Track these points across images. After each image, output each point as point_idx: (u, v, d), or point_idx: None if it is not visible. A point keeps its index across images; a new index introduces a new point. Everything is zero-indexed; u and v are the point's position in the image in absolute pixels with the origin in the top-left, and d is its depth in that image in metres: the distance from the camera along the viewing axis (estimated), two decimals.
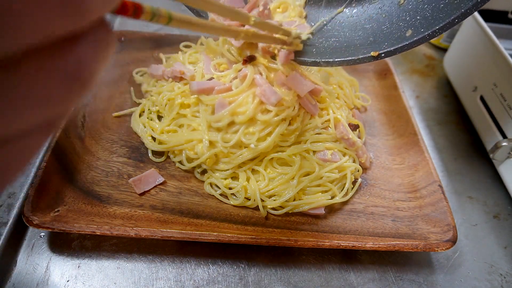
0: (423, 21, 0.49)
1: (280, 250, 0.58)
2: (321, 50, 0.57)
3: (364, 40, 0.54)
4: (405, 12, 0.52)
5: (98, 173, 0.61)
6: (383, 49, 0.51)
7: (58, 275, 0.52)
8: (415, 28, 0.49)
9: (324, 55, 0.56)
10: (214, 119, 0.59)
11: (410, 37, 0.49)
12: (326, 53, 0.56)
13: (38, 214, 0.51)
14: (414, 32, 0.49)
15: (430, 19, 0.48)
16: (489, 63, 0.74)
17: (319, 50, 0.57)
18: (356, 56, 0.53)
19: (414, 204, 0.62)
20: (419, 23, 0.49)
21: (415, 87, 0.93)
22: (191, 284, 0.53)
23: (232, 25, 0.54)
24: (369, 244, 0.54)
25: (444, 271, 0.59)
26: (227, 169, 0.61)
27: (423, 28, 0.48)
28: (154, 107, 0.70)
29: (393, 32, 0.52)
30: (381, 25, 0.54)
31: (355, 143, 0.63)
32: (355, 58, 0.53)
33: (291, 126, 0.61)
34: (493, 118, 0.72)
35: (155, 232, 0.52)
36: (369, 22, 0.56)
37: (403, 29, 0.51)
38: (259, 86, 0.58)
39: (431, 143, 0.79)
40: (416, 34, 0.49)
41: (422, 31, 0.48)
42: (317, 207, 0.59)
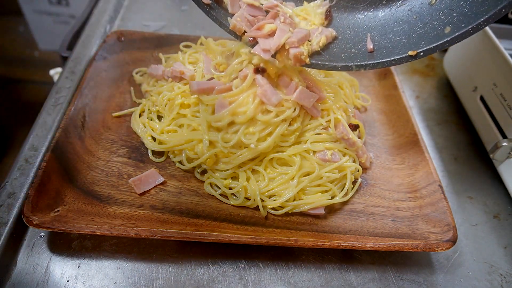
0: (462, 17, 0.47)
1: (280, 250, 0.58)
2: (351, 54, 0.55)
3: (396, 43, 0.52)
4: (438, 11, 0.50)
5: (98, 173, 0.61)
6: (421, 47, 0.49)
7: (58, 275, 0.52)
8: (453, 25, 0.47)
9: (354, 59, 0.55)
10: (214, 119, 0.59)
11: (450, 33, 0.47)
12: (356, 57, 0.55)
13: (38, 214, 0.51)
14: (454, 28, 0.47)
15: (469, 15, 0.46)
16: (489, 63, 0.74)
17: (349, 55, 0.56)
18: (392, 57, 0.51)
19: (414, 204, 0.62)
20: (457, 20, 0.47)
21: (415, 87, 0.93)
22: (191, 284, 0.53)
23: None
24: (369, 244, 0.54)
25: (444, 271, 0.59)
26: (227, 169, 0.61)
27: (464, 23, 0.46)
28: (154, 107, 0.70)
29: (428, 31, 0.50)
30: (413, 26, 0.52)
31: (355, 143, 0.63)
32: (390, 59, 0.51)
33: (291, 127, 0.61)
34: (493, 118, 0.72)
35: (155, 232, 0.52)
36: (399, 24, 0.54)
37: (439, 27, 0.49)
38: (260, 86, 0.58)
39: (431, 143, 0.79)
40: (456, 29, 0.47)
41: (463, 26, 0.46)
42: (317, 207, 0.59)
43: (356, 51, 0.56)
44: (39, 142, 0.65)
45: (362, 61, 0.54)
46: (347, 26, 0.58)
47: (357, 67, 0.54)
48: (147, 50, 0.83)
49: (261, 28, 0.56)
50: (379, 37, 0.55)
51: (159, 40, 0.84)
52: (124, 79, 0.77)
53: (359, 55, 0.55)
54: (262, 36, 0.56)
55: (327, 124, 0.63)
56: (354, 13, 0.58)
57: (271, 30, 0.56)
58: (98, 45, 0.81)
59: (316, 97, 0.60)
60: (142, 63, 0.81)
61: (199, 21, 1.03)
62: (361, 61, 0.54)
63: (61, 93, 0.73)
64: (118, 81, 0.76)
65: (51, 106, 0.71)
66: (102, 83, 0.73)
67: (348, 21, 0.58)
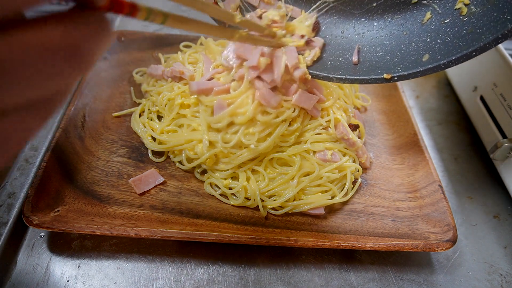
0: (442, 46, 0.48)
1: (280, 250, 0.58)
2: (336, 64, 0.56)
3: (380, 58, 0.54)
4: (426, 32, 0.51)
5: (98, 173, 0.61)
6: (397, 72, 0.51)
7: (58, 275, 0.52)
8: (432, 53, 0.48)
9: (337, 70, 0.55)
10: (214, 120, 0.59)
11: (426, 63, 0.48)
12: (340, 68, 0.55)
13: (38, 214, 0.51)
14: (430, 58, 0.48)
15: (449, 45, 0.47)
16: (489, 63, 0.74)
17: (334, 64, 0.56)
18: (369, 76, 0.53)
19: (414, 204, 0.62)
20: (438, 48, 0.48)
21: (415, 87, 0.93)
22: (191, 284, 0.53)
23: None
24: (369, 244, 0.54)
25: (444, 271, 0.59)
26: (227, 169, 0.61)
27: (441, 55, 0.47)
28: (154, 107, 0.70)
29: (411, 53, 0.51)
30: (400, 43, 0.53)
31: (355, 143, 0.63)
32: (367, 77, 0.53)
33: (291, 127, 0.61)
34: (493, 118, 0.72)
35: (155, 232, 0.52)
36: (388, 38, 0.54)
37: (421, 51, 0.50)
38: (258, 89, 0.57)
39: (431, 143, 0.79)
40: (432, 60, 0.48)
41: (439, 58, 0.47)
42: (317, 207, 0.59)
43: (343, 60, 0.57)
44: (39, 142, 0.65)
45: (343, 74, 0.55)
46: (340, 31, 0.58)
47: (337, 80, 0.55)
48: (147, 50, 0.83)
49: (258, 66, 0.56)
50: (367, 48, 0.56)
51: (159, 40, 0.84)
52: (124, 79, 0.77)
53: (343, 66, 0.56)
54: (262, 72, 0.57)
55: (327, 124, 0.63)
56: (350, 19, 0.58)
57: (266, 64, 0.56)
58: None
59: (316, 99, 0.60)
60: (142, 63, 0.81)
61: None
62: (342, 74, 0.55)
63: None
64: (118, 81, 0.76)
65: None
66: (102, 83, 0.73)
67: (343, 26, 0.58)
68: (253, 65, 0.56)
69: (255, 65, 0.56)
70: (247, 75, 0.57)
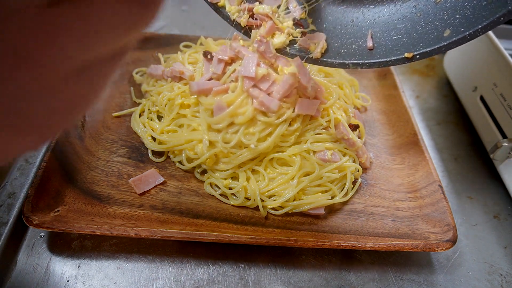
0: (463, 20, 0.46)
1: (280, 250, 0.58)
2: (350, 51, 0.55)
3: (396, 41, 0.52)
4: (442, 10, 0.49)
5: (98, 173, 0.61)
6: (418, 50, 0.49)
7: (58, 275, 0.52)
8: (454, 28, 0.46)
9: (353, 56, 0.54)
10: (214, 121, 0.59)
11: (449, 37, 0.46)
12: (355, 54, 0.54)
13: (38, 214, 0.51)
14: (453, 32, 0.46)
15: (471, 18, 0.45)
16: (489, 63, 0.74)
17: (348, 51, 0.55)
18: (388, 58, 0.51)
19: (414, 204, 0.62)
20: (458, 22, 0.46)
21: (415, 87, 0.93)
22: (191, 284, 0.53)
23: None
24: (369, 244, 0.54)
25: (444, 271, 0.59)
26: (227, 169, 0.61)
27: (463, 27, 0.45)
28: (154, 107, 0.70)
29: (429, 32, 0.49)
30: (415, 25, 0.51)
31: (355, 143, 0.63)
32: (386, 60, 0.51)
33: (291, 127, 0.61)
34: (493, 118, 0.72)
35: (155, 232, 0.52)
36: (402, 21, 0.52)
37: (440, 28, 0.48)
38: (255, 98, 0.57)
39: (431, 143, 0.79)
40: (455, 34, 0.46)
41: (462, 30, 0.45)
42: (317, 207, 0.59)
43: (357, 47, 0.55)
44: None
45: (359, 60, 0.53)
46: (350, 20, 0.57)
47: (354, 66, 0.54)
48: (147, 50, 0.83)
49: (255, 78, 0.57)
50: (381, 34, 0.54)
51: (159, 40, 0.84)
52: (124, 79, 0.77)
53: (358, 53, 0.54)
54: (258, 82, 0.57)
55: (327, 124, 0.63)
56: (360, 7, 0.57)
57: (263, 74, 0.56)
58: None
59: (317, 103, 0.61)
60: (142, 63, 0.81)
61: (199, 21, 1.03)
62: (359, 59, 0.53)
63: None
64: (118, 81, 0.76)
65: None
66: None
67: (353, 14, 0.57)
68: (250, 76, 0.56)
69: (252, 77, 0.56)
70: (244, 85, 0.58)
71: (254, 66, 0.56)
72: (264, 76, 0.57)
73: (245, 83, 0.57)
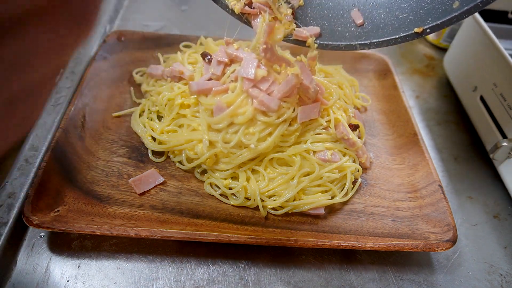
0: None
1: (280, 250, 0.58)
2: (355, 33, 0.54)
3: (402, 20, 0.51)
4: None
5: (98, 173, 0.61)
6: (428, 23, 0.48)
7: (58, 275, 0.52)
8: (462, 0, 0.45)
9: (359, 37, 0.53)
10: (214, 121, 0.59)
11: (459, 8, 0.45)
12: (360, 36, 0.53)
13: (38, 214, 0.51)
14: (462, 2, 0.45)
15: None
16: (489, 63, 0.74)
17: (353, 33, 0.54)
18: (398, 35, 0.50)
19: (414, 204, 0.62)
20: None
21: (415, 87, 0.93)
22: (191, 284, 0.53)
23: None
24: (369, 244, 0.54)
25: (444, 271, 0.59)
26: (227, 169, 0.61)
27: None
28: (154, 107, 0.70)
29: (436, 7, 0.48)
30: (420, 2, 0.50)
31: (355, 143, 0.63)
32: (396, 37, 0.50)
33: (291, 127, 0.61)
34: (493, 118, 0.72)
35: (155, 232, 0.52)
36: (406, 0, 0.52)
37: (447, 2, 0.47)
38: (255, 98, 0.57)
39: (431, 143, 0.79)
40: (465, 3, 0.45)
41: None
42: (317, 207, 0.59)
43: (361, 30, 0.54)
44: (39, 142, 0.65)
45: (366, 40, 0.52)
46: (352, 4, 0.56)
47: (361, 46, 0.53)
48: (147, 50, 0.83)
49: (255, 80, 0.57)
50: (385, 14, 0.53)
51: (159, 40, 0.84)
52: (124, 79, 0.77)
53: (363, 34, 0.53)
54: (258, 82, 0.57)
55: (327, 124, 0.63)
56: None
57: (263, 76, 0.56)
58: (98, 45, 0.81)
59: (318, 106, 0.61)
60: (142, 63, 0.81)
61: (199, 21, 1.03)
62: (365, 39, 0.52)
63: (61, 93, 0.73)
64: (118, 81, 0.76)
65: (51, 106, 0.71)
66: (102, 83, 0.73)
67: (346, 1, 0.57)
68: (249, 78, 0.56)
69: (251, 78, 0.56)
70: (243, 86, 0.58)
71: (254, 68, 0.56)
72: (264, 77, 0.57)
73: (245, 84, 0.57)
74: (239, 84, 0.58)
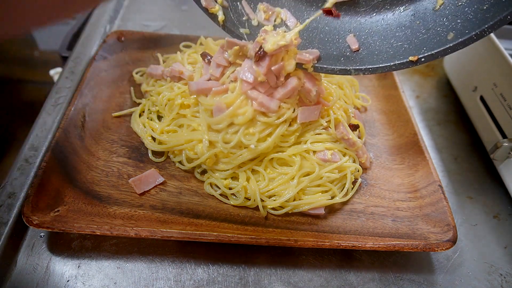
0: (466, 23, 0.46)
1: (280, 250, 0.58)
2: (350, 58, 0.55)
3: (397, 48, 0.52)
4: (442, 17, 0.49)
5: (98, 173, 0.61)
6: (423, 53, 0.49)
7: (58, 275, 0.52)
8: (457, 31, 0.47)
9: (354, 63, 0.54)
10: (214, 122, 0.59)
11: (453, 39, 0.47)
12: (356, 61, 0.54)
13: (38, 214, 0.51)
14: (457, 34, 0.46)
15: (474, 21, 0.45)
16: (489, 63, 0.74)
17: (348, 58, 0.55)
18: (392, 62, 0.51)
19: (414, 204, 0.62)
20: (461, 26, 0.46)
21: (415, 87, 0.93)
22: (191, 284, 0.53)
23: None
24: (369, 244, 0.54)
25: (444, 271, 0.59)
26: (227, 169, 0.61)
27: (468, 29, 0.45)
28: (154, 107, 0.70)
29: (431, 37, 0.49)
30: (415, 32, 0.51)
31: (355, 143, 0.63)
32: (390, 64, 0.51)
33: (291, 127, 0.61)
34: (493, 118, 0.72)
35: (155, 232, 0.52)
36: (401, 29, 0.53)
37: (442, 33, 0.48)
38: (254, 100, 0.57)
39: (431, 143, 0.79)
40: (460, 36, 0.46)
41: (467, 32, 0.45)
42: (317, 207, 0.59)
43: (356, 55, 0.55)
44: (39, 142, 0.65)
45: (361, 65, 0.53)
46: (348, 30, 0.57)
47: (356, 71, 0.54)
48: (147, 50, 0.83)
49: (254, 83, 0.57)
50: (380, 42, 0.54)
51: (159, 40, 0.84)
52: (124, 79, 0.77)
53: (358, 59, 0.54)
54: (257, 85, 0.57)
55: (327, 124, 0.63)
56: (356, 17, 0.57)
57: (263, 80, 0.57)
58: (98, 45, 0.81)
59: (319, 108, 0.61)
60: (142, 63, 0.81)
61: (199, 21, 1.03)
62: (360, 65, 0.54)
63: (61, 93, 0.73)
64: (118, 81, 0.76)
65: (51, 106, 0.71)
66: (102, 83, 0.73)
67: (350, 25, 0.57)
68: (248, 81, 0.56)
69: (250, 82, 0.56)
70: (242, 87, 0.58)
71: (253, 73, 0.56)
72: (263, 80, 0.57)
73: (243, 86, 0.57)
74: (238, 85, 0.58)
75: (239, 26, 0.58)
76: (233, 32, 0.58)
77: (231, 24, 0.58)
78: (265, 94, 0.58)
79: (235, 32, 0.58)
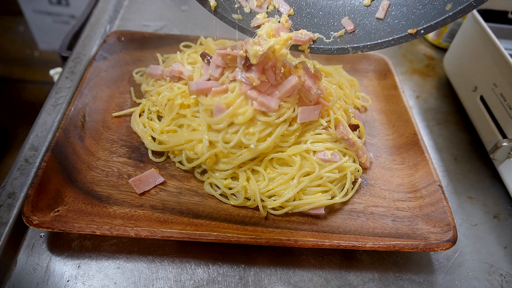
0: None
1: (280, 250, 0.58)
2: (347, 38, 0.54)
3: (394, 25, 0.51)
4: None
5: (98, 173, 0.61)
6: (422, 25, 0.48)
7: (58, 275, 0.52)
8: (455, 1, 0.46)
9: (351, 42, 0.53)
10: (214, 122, 0.59)
11: (452, 9, 0.46)
12: (353, 40, 0.54)
13: (38, 214, 0.51)
14: (455, 4, 0.46)
15: None
16: (489, 63, 0.74)
17: (345, 38, 0.55)
18: (391, 37, 0.50)
19: (414, 204, 0.62)
20: None
21: (415, 87, 0.93)
22: (191, 284, 0.53)
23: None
24: (369, 244, 0.54)
25: (444, 271, 0.59)
26: (227, 169, 0.61)
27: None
28: (154, 107, 0.70)
29: (428, 11, 0.49)
30: (411, 9, 0.51)
31: (355, 143, 0.63)
32: (389, 39, 0.50)
33: (291, 127, 0.61)
34: (493, 118, 0.72)
35: (155, 232, 0.52)
36: (397, 8, 0.52)
37: (439, 6, 0.48)
38: (254, 100, 0.57)
39: (431, 143, 0.79)
40: (458, 4, 0.45)
41: (466, 0, 0.44)
42: (317, 207, 0.59)
43: (353, 35, 0.55)
44: (39, 142, 0.65)
45: (358, 43, 0.53)
46: (342, 13, 0.57)
47: (354, 49, 0.53)
48: (147, 50, 0.83)
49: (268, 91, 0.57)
50: (376, 21, 0.54)
51: (159, 40, 0.84)
52: (124, 79, 0.77)
53: (355, 39, 0.54)
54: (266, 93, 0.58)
55: (327, 124, 0.63)
56: (349, 0, 0.57)
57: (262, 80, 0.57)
58: (98, 45, 0.81)
59: (319, 109, 0.61)
60: (142, 63, 0.81)
61: (199, 21, 1.03)
62: (357, 43, 0.53)
63: (61, 93, 0.73)
64: (118, 81, 0.76)
65: (51, 106, 0.71)
66: (102, 83, 0.73)
67: (344, 8, 0.57)
68: (247, 82, 0.56)
69: (249, 83, 0.56)
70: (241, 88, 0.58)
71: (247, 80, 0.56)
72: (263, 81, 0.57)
73: (243, 86, 0.57)
74: (238, 85, 0.58)
75: (231, 12, 0.58)
76: (225, 18, 0.57)
77: (222, 10, 0.57)
78: (266, 93, 0.58)
79: (228, 17, 0.57)
